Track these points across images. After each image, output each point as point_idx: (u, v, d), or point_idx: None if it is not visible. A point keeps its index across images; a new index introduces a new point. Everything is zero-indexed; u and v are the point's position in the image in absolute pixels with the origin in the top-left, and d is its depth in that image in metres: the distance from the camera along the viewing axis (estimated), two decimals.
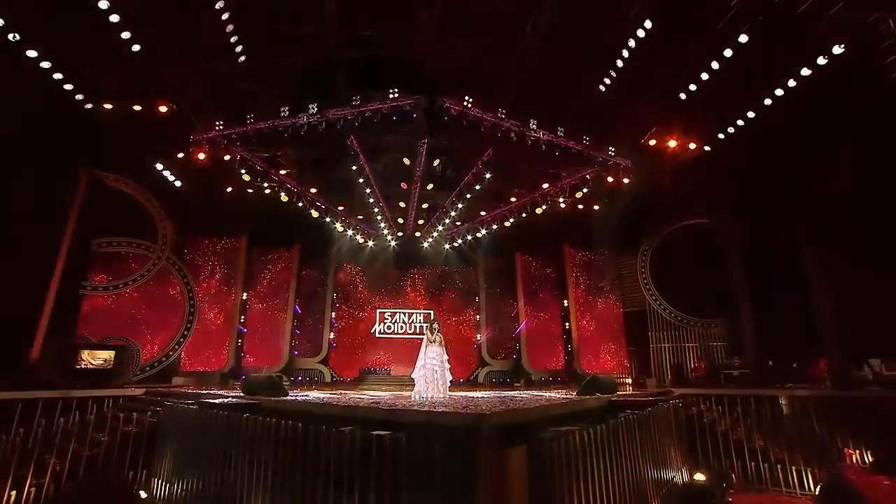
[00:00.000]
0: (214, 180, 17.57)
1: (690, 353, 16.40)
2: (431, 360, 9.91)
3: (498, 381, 19.33)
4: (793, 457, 8.96)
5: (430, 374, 9.80)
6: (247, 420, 6.46)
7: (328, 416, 6.67)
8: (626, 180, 16.91)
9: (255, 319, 18.84)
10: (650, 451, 7.20)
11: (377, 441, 4.77)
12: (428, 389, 9.65)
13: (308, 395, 10.16)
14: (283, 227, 18.72)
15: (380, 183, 17.32)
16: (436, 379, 9.77)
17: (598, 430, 5.41)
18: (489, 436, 4.93)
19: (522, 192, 17.88)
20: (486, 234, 19.10)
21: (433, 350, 10.03)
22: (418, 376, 9.91)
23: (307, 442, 5.50)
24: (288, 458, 5.70)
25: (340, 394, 10.76)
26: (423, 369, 9.91)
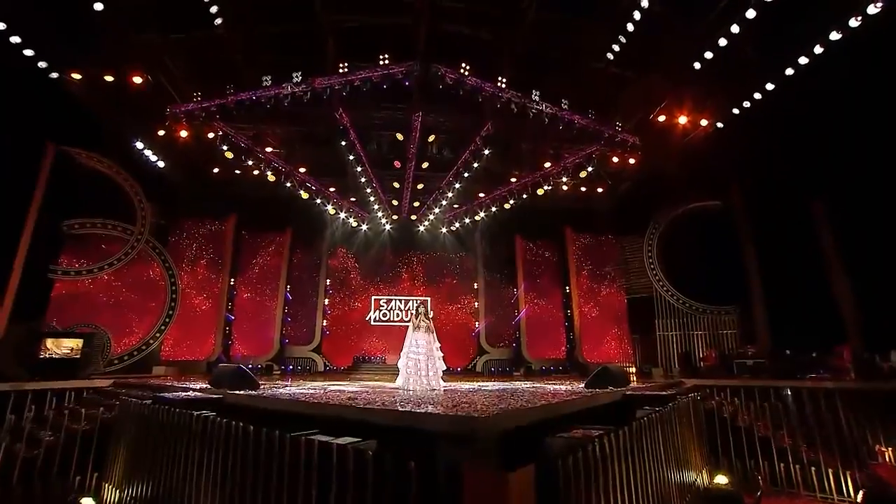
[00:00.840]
0: (200, 160, 16.40)
1: (699, 341, 15.22)
2: (417, 350, 8.76)
3: (497, 371, 18.20)
4: (828, 457, 7.79)
5: (414, 365, 8.66)
6: (195, 419, 5.31)
7: (293, 416, 5.52)
8: (633, 160, 15.72)
9: (244, 306, 17.68)
10: (673, 452, 6.07)
11: (338, 453, 3.61)
12: (410, 381, 8.52)
13: (287, 387, 9.00)
14: (274, 209, 17.52)
15: (372, 161, 16.11)
16: (420, 370, 8.62)
17: (620, 436, 4.24)
18: (484, 447, 3.78)
19: (523, 172, 16.63)
20: (485, 218, 17.91)
21: (420, 338, 8.87)
22: (401, 366, 8.77)
23: (258, 449, 4.35)
24: (237, 465, 4.56)
25: (322, 386, 9.60)
26: (406, 358, 8.76)
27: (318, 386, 9.43)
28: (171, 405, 6.03)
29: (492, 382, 11.60)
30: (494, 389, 8.52)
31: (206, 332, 16.40)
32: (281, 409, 5.99)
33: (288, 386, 9.32)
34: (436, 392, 7.72)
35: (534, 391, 7.89)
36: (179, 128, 14.01)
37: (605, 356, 17.78)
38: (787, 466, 7.91)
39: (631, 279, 17.18)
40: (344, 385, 9.94)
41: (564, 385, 10.06)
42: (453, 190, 16.39)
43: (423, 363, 8.67)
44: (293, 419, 5.76)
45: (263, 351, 17.31)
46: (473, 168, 15.11)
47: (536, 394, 7.21)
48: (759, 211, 14.33)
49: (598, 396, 6.58)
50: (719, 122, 14.04)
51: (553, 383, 10.83)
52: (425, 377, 8.50)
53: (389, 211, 18.28)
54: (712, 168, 14.98)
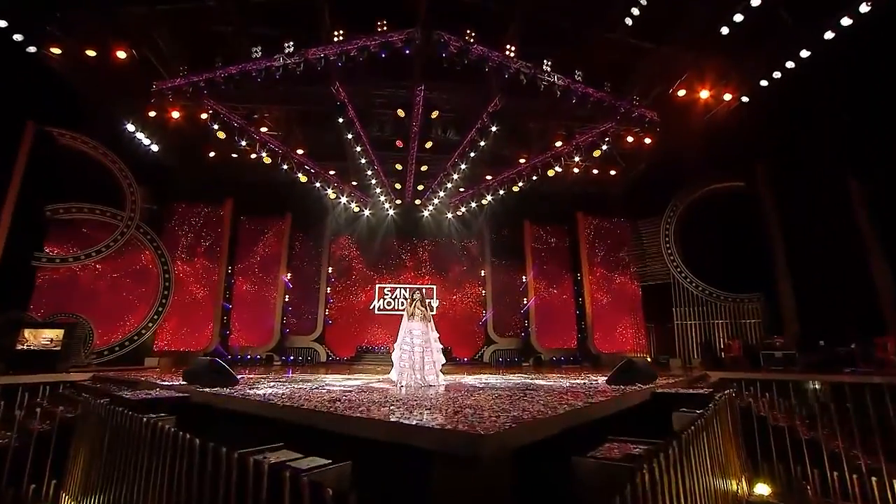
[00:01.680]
0: (194, 143, 15.41)
1: (720, 331, 14.06)
2: (412, 341, 7.71)
3: (505, 361, 17.17)
4: (891, 466, 6.65)
5: (409, 358, 7.63)
6: (144, 424, 4.33)
7: (263, 421, 4.54)
8: (649, 140, 14.58)
9: (243, 295, 16.71)
10: (716, 461, 5.00)
11: (291, 482, 2.59)
12: (404, 377, 7.51)
13: (269, 384, 8.01)
14: (273, 194, 16.57)
15: (373, 143, 15.03)
16: (414, 363, 7.59)
17: (669, 454, 3.17)
18: (492, 472, 2.74)
19: (533, 153, 15.48)
20: (492, 202, 16.79)
21: (415, 328, 7.82)
22: (395, 359, 7.75)
23: (204, 467, 3.35)
24: (184, 483, 3.57)
25: (317, 381, 8.60)
26: (399, 350, 7.72)
27: (312, 381, 8.44)
28: (127, 406, 5.06)
29: (499, 376, 10.55)
30: (503, 386, 7.48)
31: (202, 321, 15.49)
32: (252, 411, 5.00)
33: (286, 378, 8.37)
34: (434, 390, 6.67)
35: (549, 388, 6.84)
36: (170, 108, 13.11)
37: (618, 346, 16.70)
38: (841, 475, 6.79)
39: (646, 265, 15.99)
40: (340, 380, 8.95)
41: (581, 379, 8.98)
42: (459, 172, 15.28)
43: (419, 356, 7.64)
44: (264, 424, 4.77)
45: (263, 341, 16.38)
46: (480, 147, 13.97)
47: (553, 392, 6.16)
48: (787, 191, 13.07)
49: (628, 396, 5.50)
50: (745, 95, 12.78)
51: (567, 377, 9.75)
52: (419, 371, 7.48)
53: (392, 195, 17.22)
54: (735, 146, 13.73)
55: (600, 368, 14.32)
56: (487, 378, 9.30)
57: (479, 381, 8.53)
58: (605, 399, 4.97)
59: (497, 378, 9.35)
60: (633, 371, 7.06)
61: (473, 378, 9.19)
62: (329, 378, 8.98)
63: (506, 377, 9.78)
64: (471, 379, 8.75)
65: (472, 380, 8.55)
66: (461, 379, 8.85)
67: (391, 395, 5.64)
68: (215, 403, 5.43)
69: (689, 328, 14.44)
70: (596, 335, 16.62)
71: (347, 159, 15.73)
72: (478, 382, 8.10)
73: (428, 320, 7.98)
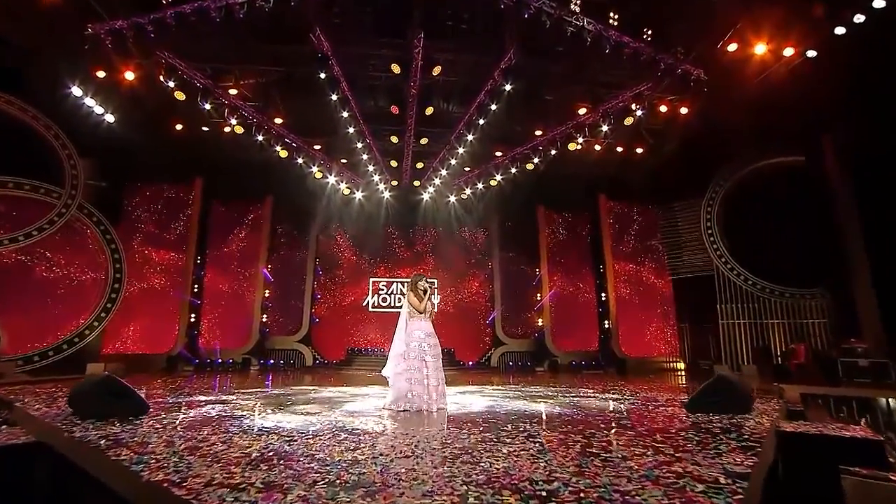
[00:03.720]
0: (158, 114, 13.13)
1: (775, 332, 11.84)
2: (420, 347, 5.47)
3: (516, 365, 15.12)
4: None
5: (416, 369, 5.38)
6: None
7: None
8: (684, 110, 12.42)
9: (215, 289, 14.58)
10: None
11: None
12: (409, 399, 5.28)
13: (205, 406, 5.75)
14: (250, 175, 14.32)
15: (364, 112, 12.80)
16: (428, 381, 5.38)
17: None
18: None
19: (552, 123, 13.22)
20: (503, 183, 14.54)
21: (422, 328, 5.58)
22: (395, 373, 5.46)
23: None
24: None
25: (270, 399, 6.34)
26: (403, 360, 5.46)
27: (256, 398, 6.19)
28: None
29: (513, 389, 8.28)
30: (527, 413, 5.23)
31: (165, 319, 13.30)
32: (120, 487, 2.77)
33: (264, 390, 6.10)
34: (437, 425, 4.41)
35: (606, 418, 4.60)
36: (122, 66, 10.87)
37: (647, 349, 14.69)
38: None
39: (682, 256, 13.77)
40: (324, 395, 6.70)
41: (625, 394, 6.72)
42: (465, 145, 13.04)
43: (434, 371, 5.40)
44: None
45: (239, 342, 14.29)
46: (490, 112, 11.72)
47: (622, 432, 3.93)
48: (862, 167, 10.79)
49: None
50: (812, 49, 10.48)
51: (607, 392, 7.48)
52: (434, 390, 5.31)
53: (387, 175, 15.01)
54: (795, 113, 11.46)
55: (627, 375, 12.33)
56: (499, 395, 7.02)
57: (493, 401, 6.27)
58: None
59: (511, 395, 7.07)
60: (727, 393, 4.81)
61: (480, 396, 6.92)
62: (309, 397, 6.71)
63: (521, 391, 7.51)
64: (477, 401, 6.49)
65: (482, 402, 6.29)
66: (467, 400, 6.60)
67: (368, 441, 3.40)
68: (78, 460, 3.21)
69: (737, 329, 12.21)
70: (621, 336, 14.46)
71: (335, 133, 13.50)
72: (489, 405, 5.84)
73: (431, 316, 5.76)
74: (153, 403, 5.41)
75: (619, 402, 6.14)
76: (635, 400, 6.40)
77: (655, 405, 5.78)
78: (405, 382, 5.35)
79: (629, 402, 6.11)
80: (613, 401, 6.32)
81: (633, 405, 5.86)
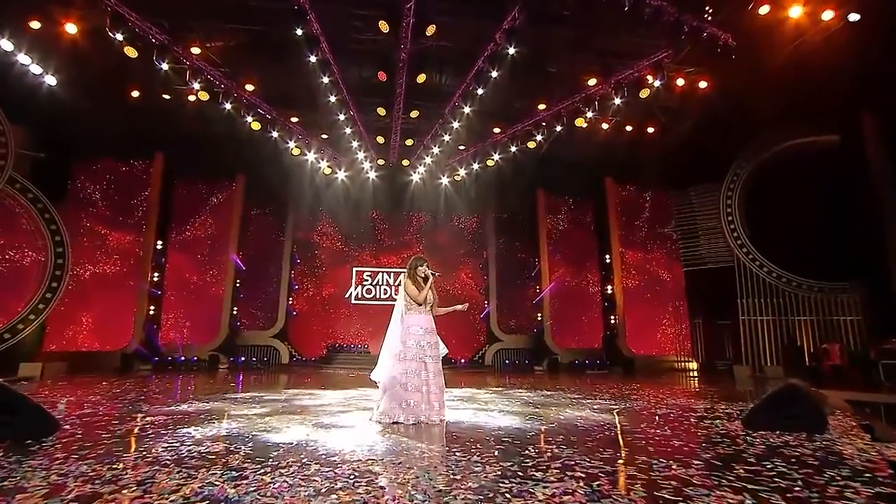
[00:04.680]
0: (112, 79, 11.91)
1: (803, 330, 11.15)
2: (420, 347, 4.58)
3: (512, 364, 14.39)
4: None
5: (414, 372, 4.48)
6: None
7: None
8: (703, 84, 11.67)
9: (179, 278, 13.60)
10: None
11: None
12: (410, 408, 4.38)
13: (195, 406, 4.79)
14: (219, 149, 13.16)
15: (347, 83, 11.77)
16: (429, 386, 4.48)
17: None
18: None
19: (557, 96, 12.31)
20: (500, 163, 13.67)
21: (417, 321, 4.69)
22: (390, 377, 4.52)
23: None
24: None
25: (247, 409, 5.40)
26: (398, 362, 4.54)
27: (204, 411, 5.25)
28: None
29: (516, 392, 7.42)
30: (545, 428, 4.37)
31: (120, 311, 12.23)
32: None
33: (229, 394, 5.10)
34: (435, 464, 3.50)
35: (650, 436, 3.75)
36: (63, 18, 9.73)
37: (656, 347, 14.11)
38: None
39: (697, 245, 12.99)
40: (300, 401, 5.77)
41: (648, 402, 5.90)
42: (461, 118, 12.13)
43: (434, 376, 4.54)
44: None
45: (206, 338, 13.41)
46: (490, 79, 10.79)
47: (677, 451, 3.09)
48: None
49: None
50: (854, 12, 9.70)
51: (627, 399, 6.65)
52: (435, 399, 4.48)
53: (373, 153, 14.03)
54: (830, 87, 10.70)
55: (635, 376, 11.64)
56: (508, 404, 6.15)
57: (496, 409, 5.40)
58: None
59: (509, 400, 6.20)
60: (798, 406, 4.00)
61: (485, 404, 6.05)
62: (270, 408, 5.76)
63: (529, 395, 6.65)
64: (483, 409, 5.61)
65: (485, 411, 5.43)
66: (466, 408, 5.73)
67: (358, 476, 2.50)
68: None
69: (760, 326, 11.50)
70: (628, 333, 13.78)
71: (315, 105, 12.43)
72: (499, 415, 4.96)
73: (433, 306, 4.90)
74: (80, 415, 4.46)
75: (650, 412, 5.31)
76: (667, 409, 5.58)
77: (696, 416, 4.98)
78: (400, 389, 4.46)
79: (664, 413, 5.28)
80: (642, 410, 5.49)
81: (671, 416, 5.04)
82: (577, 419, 4.78)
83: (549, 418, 4.84)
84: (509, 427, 4.33)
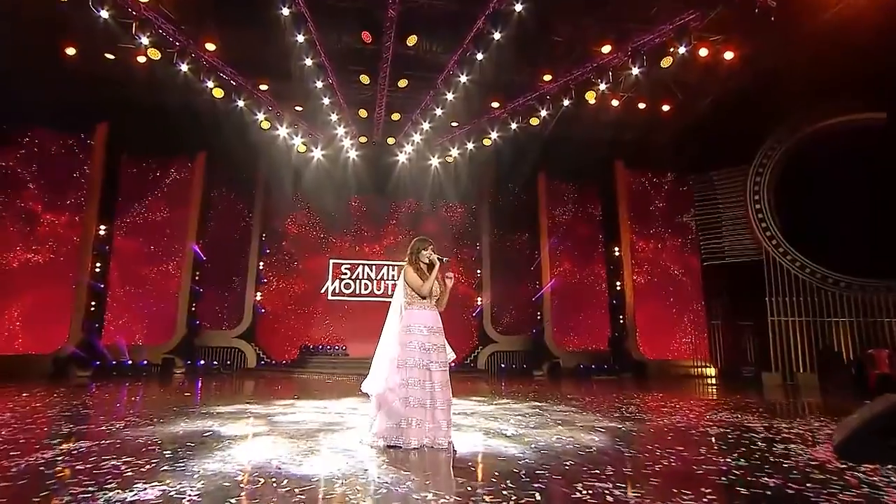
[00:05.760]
0: (36, 28, 10.50)
1: (842, 333, 10.50)
2: (421, 347, 3.77)
3: (509, 368, 13.82)
4: None
5: (417, 383, 3.68)
6: None
7: None
8: (729, 54, 10.86)
9: (127, 269, 12.52)
10: None
11: None
12: (412, 428, 3.58)
13: None
14: (175, 121, 11.79)
15: (326, 40, 10.64)
16: (434, 397, 3.67)
17: None
18: None
19: (565, 66, 11.29)
20: (498, 142, 12.83)
21: (421, 319, 3.87)
22: (386, 388, 3.68)
23: None
24: None
25: None
26: (397, 370, 3.71)
27: None
28: None
29: (521, 402, 6.42)
30: (581, 453, 3.39)
31: (56, 308, 11.04)
32: None
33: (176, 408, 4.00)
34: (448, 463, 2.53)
35: (726, 468, 2.78)
36: None
37: (670, 350, 13.57)
38: None
39: (722, 237, 12.36)
40: (268, 415, 4.68)
41: (690, 419, 4.98)
42: (455, 88, 11.16)
43: (439, 385, 3.71)
44: None
45: (159, 338, 12.52)
46: (492, 42, 9.79)
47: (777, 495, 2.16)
48: None
49: None
50: None
51: (676, 417, 5.70)
52: (442, 414, 3.68)
53: (354, 128, 13.07)
54: (875, 58, 10.00)
55: (648, 382, 11.02)
56: (519, 418, 5.12)
57: (508, 425, 4.41)
58: None
59: (531, 413, 5.18)
60: None
61: (492, 419, 5.05)
62: (230, 429, 4.63)
63: (539, 406, 5.64)
64: (492, 425, 4.62)
65: (496, 428, 4.46)
66: (471, 425, 4.75)
67: None
68: None
69: (791, 328, 10.80)
70: (639, 334, 13.22)
71: (288, 73, 11.28)
72: (513, 433, 3.92)
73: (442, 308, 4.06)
74: None
75: (701, 431, 4.45)
76: (717, 426, 4.78)
77: (760, 438, 4.13)
78: (399, 404, 3.64)
79: (717, 432, 4.38)
80: (690, 428, 4.59)
81: (729, 437, 4.21)
82: (614, 436, 3.78)
83: (582, 441, 3.83)
84: (535, 453, 3.32)
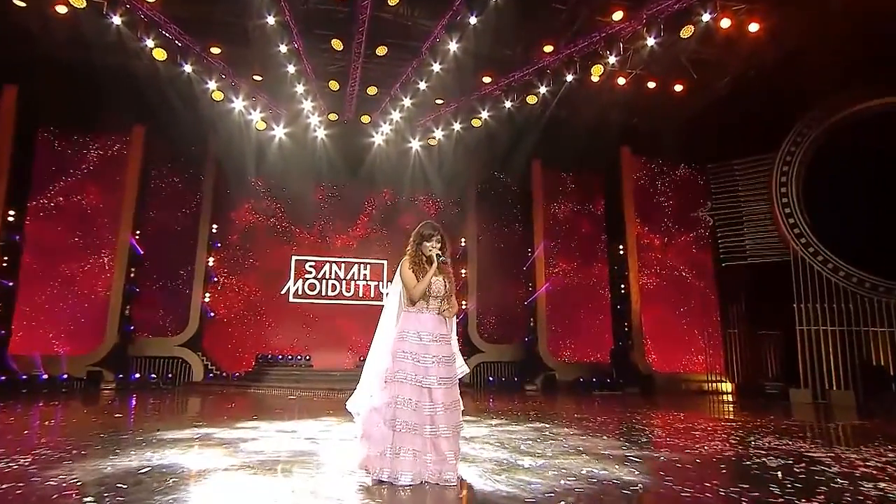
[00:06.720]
0: None
1: (882, 345, 9.96)
2: (413, 358, 3.14)
3: (497, 381, 13.13)
4: None
5: (409, 402, 3.05)
6: None
7: None
8: (755, 26, 10.36)
9: (41, 263, 11.51)
10: None
11: None
12: (402, 460, 2.96)
13: None
14: (107, 88, 10.77)
15: None
16: (432, 418, 3.03)
17: None
18: None
19: (567, 37, 10.44)
20: (489, 122, 12.33)
21: (420, 324, 3.23)
22: (371, 408, 3.17)
23: None
24: None
25: None
26: (385, 385, 3.17)
27: None
28: None
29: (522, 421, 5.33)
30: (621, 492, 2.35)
31: None
32: None
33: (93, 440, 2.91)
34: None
35: None
36: None
37: (681, 362, 13.06)
38: None
39: (743, 235, 11.87)
40: (223, 441, 3.45)
41: None
42: (442, 58, 10.40)
43: (441, 407, 3.06)
44: None
45: (84, 347, 11.74)
46: (486, 3, 8.84)
47: None
48: None
49: None
50: None
51: (716, 445, 4.68)
52: (444, 446, 3.02)
53: (323, 104, 12.15)
54: None
55: (655, 398, 10.49)
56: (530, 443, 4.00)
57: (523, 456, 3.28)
58: None
59: (543, 437, 4.08)
60: None
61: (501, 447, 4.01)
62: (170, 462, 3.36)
63: (545, 427, 4.58)
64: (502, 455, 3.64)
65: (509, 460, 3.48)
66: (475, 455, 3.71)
67: None
68: None
69: (823, 339, 10.15)
70: (647, 344, 12.73)
71: (244, 34, 10.14)
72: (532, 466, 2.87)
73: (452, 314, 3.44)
74: None
75: (759, 462, 3.76)
76: (778, 458, 3.98)
77: (830, 471, 3.51)
78: (385, 427, 3.09)
79: (782, 465, 3.61)
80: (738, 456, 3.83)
81: (800, 472, 3.49)
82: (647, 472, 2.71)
83: (620, 476, 2.79)
84: (570, 493, 2.67)
